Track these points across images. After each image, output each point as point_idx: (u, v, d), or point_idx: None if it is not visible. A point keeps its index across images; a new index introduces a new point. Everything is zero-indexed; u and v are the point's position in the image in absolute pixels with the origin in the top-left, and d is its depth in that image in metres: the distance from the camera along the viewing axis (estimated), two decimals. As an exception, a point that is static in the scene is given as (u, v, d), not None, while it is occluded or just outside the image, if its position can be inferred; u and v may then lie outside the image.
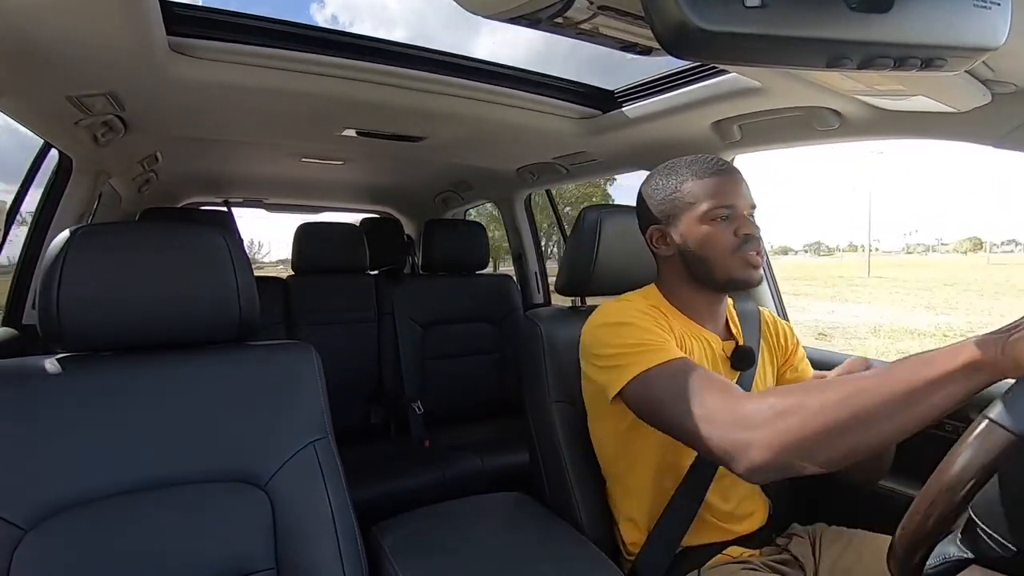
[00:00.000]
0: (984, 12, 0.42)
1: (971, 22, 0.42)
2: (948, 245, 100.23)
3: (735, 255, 0.86)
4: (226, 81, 1.12)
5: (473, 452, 1.82)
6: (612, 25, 0.73)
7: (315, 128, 1.53)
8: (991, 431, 0.48)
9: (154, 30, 0.89)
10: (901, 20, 0.40)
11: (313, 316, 2.02)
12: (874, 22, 0.40)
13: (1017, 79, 0.77)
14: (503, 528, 0.99)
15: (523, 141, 1.68)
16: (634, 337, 0.81)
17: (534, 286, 2.51)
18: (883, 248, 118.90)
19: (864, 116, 1.03)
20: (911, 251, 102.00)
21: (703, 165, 0.89)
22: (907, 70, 0.43)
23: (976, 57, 0.45)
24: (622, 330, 0.83)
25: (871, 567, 0.83)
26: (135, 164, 1.78)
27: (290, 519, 0.77)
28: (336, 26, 7.32)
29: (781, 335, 1.03)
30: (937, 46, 0.42)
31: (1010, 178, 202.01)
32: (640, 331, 0.82)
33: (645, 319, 0.85)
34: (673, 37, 0.38)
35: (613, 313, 0.88)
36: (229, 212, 2.58)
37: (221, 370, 0.82)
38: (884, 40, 0.40)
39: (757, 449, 0.61)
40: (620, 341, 0.82)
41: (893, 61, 0.42)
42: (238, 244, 0.85)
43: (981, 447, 0.48)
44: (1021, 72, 0.76)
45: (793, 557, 0.92)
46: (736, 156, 1.45)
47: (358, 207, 3.35)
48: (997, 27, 0.43)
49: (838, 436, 0.57)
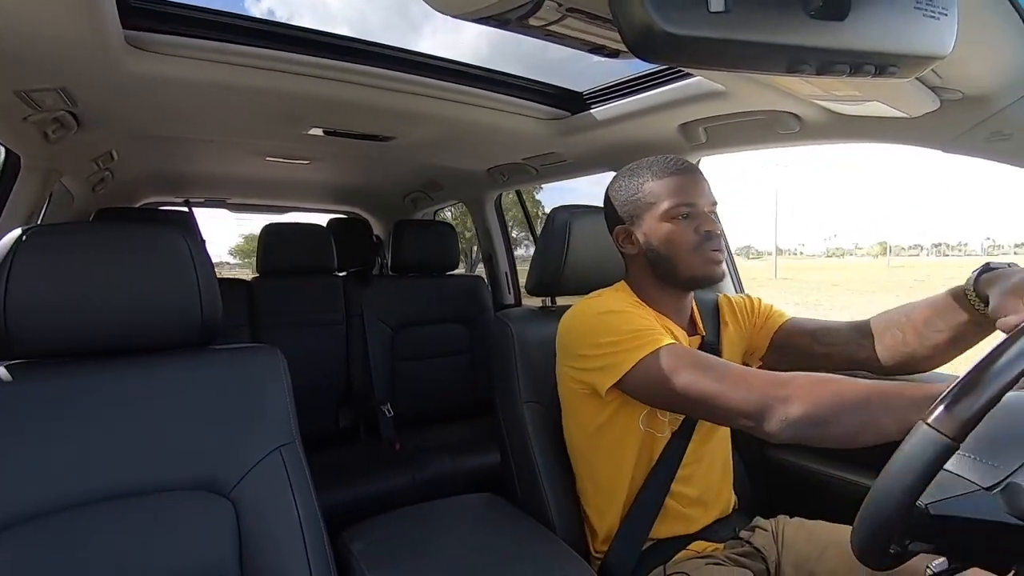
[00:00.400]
0: (933, 22, 0.44)
1: (921, 32, 0.44)
2: (863, 249, 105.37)
3: (697, 252, 0.88)
4: (185, 77, 1.08)
5: (444, 454, 1.81)
6: (580, 27, 0.74)
7: (280, 127, 1.50)
8: (926, 434, 0.51)
9: (109, 23, 0.86)
10: (856, 28, 0.42)
11: (279, 318, 1.97)
12: (831, 30, 0.41)
13: (963, 87, 0.81)
14: (475, 529, 0.99)
15: (493, 141, 1.68)
16: (629, 324, 0.83)
17: (504, 286, 2.52)
18: (807, 252, 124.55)
19: (823, 120, 1.07)
20: (831, 255, 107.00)
21: (663, 165, 0.91)
22: (862, 76, 0.45)
23: (926, 65, 0.47)
24: (614, 319, 0.84)
25: (832, 556, 0.86)
26: (89, 162, 1.71)
27: (256, 527, 0.75)
28: (270, 19, 7.08)
29: (739, 308, 1.05)
30: (890, 54, 0.44)
31: (917, 187, 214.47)
32: (634, 318, 0.84)
33: (634, 308, 0.87)
34: (640, 40, 0.39)
35: (597, 306, 0.89)
36: (190, 212, 2.50)
37: (182, 375, 0.80)
38: (840, 47, 0.42)
39: (797, 402, 0.67)
40: (615, 329, 0.83)
41: (849, 67, 0.44)
42: (200, 245, 0.82)
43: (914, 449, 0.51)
44: (967, 80, 0.80)
45: (755, 549, 0.94)
46: (702, 158, 1.48)
47: (325, 207, 3.29)
48: (945, 37, 0.45)
49: (861, 410, 0.65)
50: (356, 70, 1.15)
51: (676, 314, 0.96)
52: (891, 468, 0.54)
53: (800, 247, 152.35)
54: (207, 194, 2.81)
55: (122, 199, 2.48)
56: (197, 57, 1.03)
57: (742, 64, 0.43)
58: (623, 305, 0.88)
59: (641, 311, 0.89)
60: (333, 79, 1.16)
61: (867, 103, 0.88)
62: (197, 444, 0.76)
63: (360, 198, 3.08)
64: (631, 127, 1.35)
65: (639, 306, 0.92)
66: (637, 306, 0.92)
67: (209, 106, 1.30)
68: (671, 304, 0.95)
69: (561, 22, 0.72)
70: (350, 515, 1.06)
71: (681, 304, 0.96)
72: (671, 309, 0.95)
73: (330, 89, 1.19)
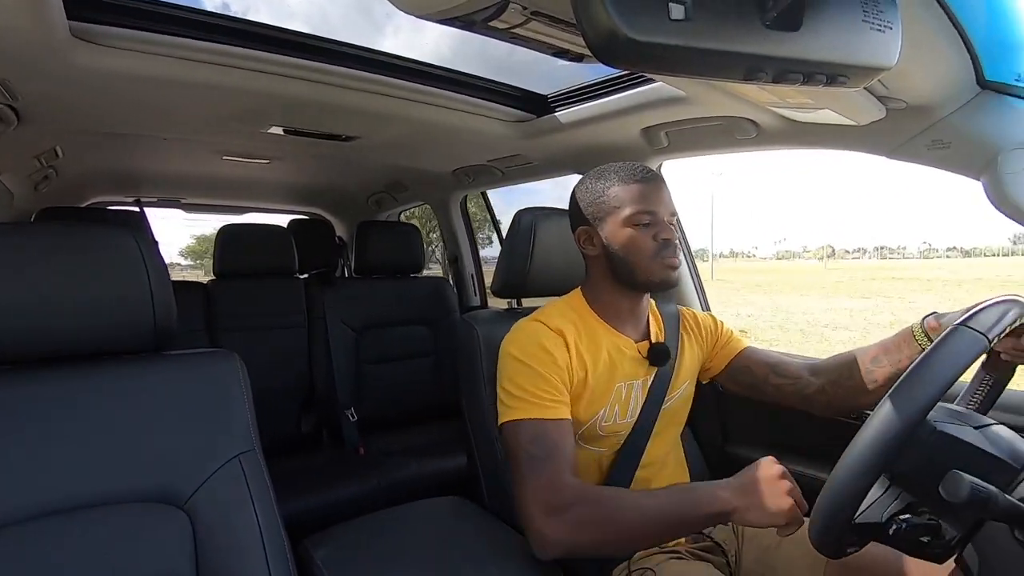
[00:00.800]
0: (879, 35, 0.47)
1: (868, 44, 0.46)
2: (810, 252, 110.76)
3: (654, 259, 0.91)
4: (135, 71, 1.04)
5: (410, 457, 1.79)
6: (545, 31, 0.74)
7: (238, 125, 1.46)
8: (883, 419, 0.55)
9: (53, 13, 0.81)
10: (809, 39, 0.44)
11: (237, 322, 1.91)
12: (786, 40, 0.43)
13: (907, 96, 0.85)
14: (441, 533, 0.98)
15: (458, 143, 1.67)
16: (528, 383, 0.86)
17: (470, 288, 2.51)
18: (759, 255, 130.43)
19: (778, 127, 1.11)
20: (781, 257, 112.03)
21: (629, 172, 0.94)
22: (814, 85, 0.47)
23: (873, 75, 0.49)
24: (519, 368, 0.88)
25: (790, 548, 0.89)
26: (30, 159, 1.62)
27: (213, 539, 0.72)
28: (228, 14, 6.78)
29: (703, 326, 1.10)
30: (840, 64, 0.46)
31: (864, 193, 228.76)
32: (533, 377, 0.86)
33: (545, 360, 0.88)
34: (603, 45, 0.39)
35: (520, 345, 0.90)
36: (141, 212, 2.40)
37: (134, 382, 0.76)
38: (794, 57, 0.44)
39: (548, 544, 0.77)
40: (513, 378, 0.88)
41: (802, 76, 0.45)
42: (152, 246, 0.79)
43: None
44: (910, 91, 0.84)
45: (716, 543, 0.97)
46: (664, 162, 1.51)
47: (286, 208, 3.21)
48: (890, 49, 0.48)
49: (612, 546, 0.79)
50: (318, 68, 1.12)
51: (630, 319, 0.98)
52: (844, 463, 0.57)
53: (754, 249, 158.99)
54: (160, 193, 2.70)
55: (67, 198, 2.36)
56: (148, 51, 0.98)
57: (702, 71, 0.44)
58: (536, 354, 0.88)
59: (561, 348, 0.90)
60: (293, 77, 1.13)
61: (819, 111, 0.92)
62: (150, 454, 0.73)
63: (322, 199, 3.02)
64: (595, 130, 1.37)
65: (575, 328, 0.93)
66: (571, 329, 0.92)
67: (161, 102, 1.25)
68: (626, 309, 0.98)
69: (526, 25, 0.72)
70: (314, 523, 1.04)
71: (636, 308, 0.99)
72: (625, 314, 0.98)
73: (290, 87, 1.16)
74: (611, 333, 0.97)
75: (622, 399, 0.94)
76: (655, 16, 0.39)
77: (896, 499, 0.62)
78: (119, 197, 2.67)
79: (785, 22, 0.43)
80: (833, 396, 0.96)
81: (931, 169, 0.93)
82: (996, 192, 0.79)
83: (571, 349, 0.91)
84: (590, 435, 0.93)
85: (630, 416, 0.95)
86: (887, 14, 0.47)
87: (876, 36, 0.47)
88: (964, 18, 0.69)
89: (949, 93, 0.84)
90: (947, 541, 0.58)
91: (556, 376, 0.87)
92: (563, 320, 0.94)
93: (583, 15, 0.40)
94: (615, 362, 0.95)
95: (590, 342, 0.94)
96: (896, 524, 0.58)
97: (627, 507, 0.76)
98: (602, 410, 0.92)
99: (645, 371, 0.98)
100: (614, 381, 0.94)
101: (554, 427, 0.84)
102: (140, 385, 0.76)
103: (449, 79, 1.30)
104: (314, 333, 2.01)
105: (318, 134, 1.55)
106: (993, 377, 0.74)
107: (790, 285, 22.06)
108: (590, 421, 0.92)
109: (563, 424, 0.85)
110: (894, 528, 0.58)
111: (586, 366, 0.91)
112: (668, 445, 1.02)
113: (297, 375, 1.98)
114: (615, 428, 0.94)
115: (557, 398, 0.86)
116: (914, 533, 0.58)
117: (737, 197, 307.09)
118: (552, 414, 0.84)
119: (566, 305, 0.99)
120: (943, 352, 0.59)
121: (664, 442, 1.00)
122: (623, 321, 0.98)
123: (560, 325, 0.92)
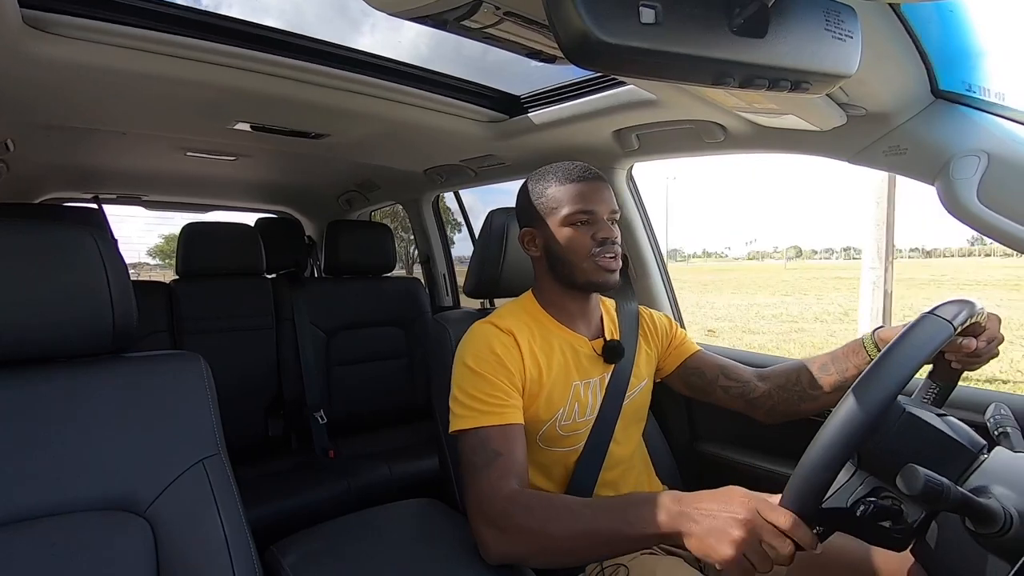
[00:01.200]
0: (841, 44, 0.48)
1: (831, 52, 0.48)
2: (780, 252, 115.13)
3: (591, 258, 0.92)
4: (93, 63, 1.00)
5: (380, 460, 1.77)
6: (518, 32, 0.75)
7: (202, 120, 1.41)
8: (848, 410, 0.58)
9: (3, 1, 0.78)
10: (774, 46, 0.45)
11: (202, 323, 1.86)
12: (752, 47, 0.44)
13: (867, 104, 0.88)
14: (413, 536, 0.97)
15: (430, 142, 1.66)
16: (476, 390, 0.86)
17: (443, 288, 2.50)
18: (732, 255, 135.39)
19: (745, 131, 1.13)
20: (752, 257, 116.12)
21: (567, 172, 0.94)
22: (779, 90, 0.48)
23: (835, 82, 0.51)
24: (467, 377, 0.88)
25: None
26: (-22, 152, 1.55)
27: (176, 547, 0.70)
28: (191, 6, 6.42)
29: (659, 327, 1.11)
30: (803, 71, 0.48)
31: (834, 195, 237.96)
32: (482, 384, 0.86)
33: (493, 363, 0.87)
34: (575, 47, 0.40)
35: (468, 350, 0.90)
36: (100, 210, 2.31)
37: (92, 386, 0.73)
38: (760, 63, 0.45)
39: (490, 554, 0.78)
40: (465, 387, 0.87)
41: (768, 82, 0.47)
42: (111, 245, 0.76)
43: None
44: (869, 98, 0.87)
45: None
46: (635, 164, 1.53)
47: (253, 206, 3.14)
48: (851, 57, 0.50)
49: (549, 556, 0.75)
50: (286, 64, 1.10)
51: (581, 317, 0.99)
52: (816, 444, 0.59)
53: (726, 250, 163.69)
54: (119, 190, 2.60)
55: (19, 194, 2.26)
56: (106, 42, 0.95)
57: (672, 74, 0.45)
58: (487, 359, 0.88)
59: (513, 349, 0.90)
60: (261, 72, 1.10)
61: (784, 116, 0.95)
62: (109, 460, 0.71)
63: (291, 197, 2.96)
64: (567, 132, 1.38)
65: (528, 330, 0.93)
66: (524, 330, 0.93)
67: (120, 95, 1.20)
68: (575, 308, 0.98)
69: (498, 25, 0.72)
70: (282, 529, 1.01)
71: (585, 307, 0.99)
72: (575, 313, 0.99)
73: (258, 83, 1.13)
74: (564, 332, 0.97)
75: (580, 397, 0.95)
76: (626, 20, 0.39)
77: (862, 483, 0.64)
78: (76, 194, 2.57)
79: (751, 29, 0.44)
80: (778, 400, 0.99)
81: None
82: (948, 196, 0.83)
83: (523, 349, 0.91)
84: (551, 436, 0.93)
85: (590, 413, 0.95)
86: (848, 24, 0.49)
87: (837, 45, 0.48)
88: (919, 30, 0.72)
89: (905, 101, 0.87)
90: (907, 527, 0.60)
91: (505, 379, 0.87)
92: (515, 320, 0.94)
93: (556, 17, 0.40)
94: (570, 361, 0.95)
95: (543, 342, 0.94)
96: (863, 505, 0.60)
97: (560, 518, 0.72)
98: (561, 409, 0.92)
99: (602, 368, 0.99)
100: (571, 379, 0.94)
101: (498, 433, 0.83)
102: (99, 389, 0.73)
103: (421, 78, 1.29)
104: (282, 334, 1.97)
105: (287, 131, 1.52)
106: (940, 385, 0.77)
107: (733, 284, 22.64)
108: (550, 421, 0.92)
109: (509, 429, 0.84)
110: (861, 510, 0.60)
111: (540, 365, 0.92)
112: (632, 444, 1.02)
113: (264, 377, 1.94)
114: (575, 427, 0.94)
115: (504, 402, 0.86)
116: (878, 516, 0.60)
117: (692, 199, 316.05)
118: (497, 420, 0.84)
119: (518, 306, 1.00)
120: (914, 336, 0.61)
121: (628, 440, 1.01)
122: (574, 320, 0.99)
123: (511, 325, 0.92)
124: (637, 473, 1.03)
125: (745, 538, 0.59)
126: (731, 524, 0.60)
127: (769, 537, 0.58)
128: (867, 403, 0.57)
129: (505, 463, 0.81)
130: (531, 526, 0.74)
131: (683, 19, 0.41)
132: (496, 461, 0.81)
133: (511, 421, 0.85)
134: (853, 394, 0.58)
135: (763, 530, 0.59)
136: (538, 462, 0.93)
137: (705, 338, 7.06)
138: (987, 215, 0.79)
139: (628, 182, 1.56)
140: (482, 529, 0.78)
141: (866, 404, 0.57)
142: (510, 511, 0.76)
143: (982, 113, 0.84)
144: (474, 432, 0.84)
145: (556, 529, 0.72)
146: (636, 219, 1.56)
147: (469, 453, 0.83)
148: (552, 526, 0.72)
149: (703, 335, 8.74)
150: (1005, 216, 0.79)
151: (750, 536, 0.59)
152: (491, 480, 0.79)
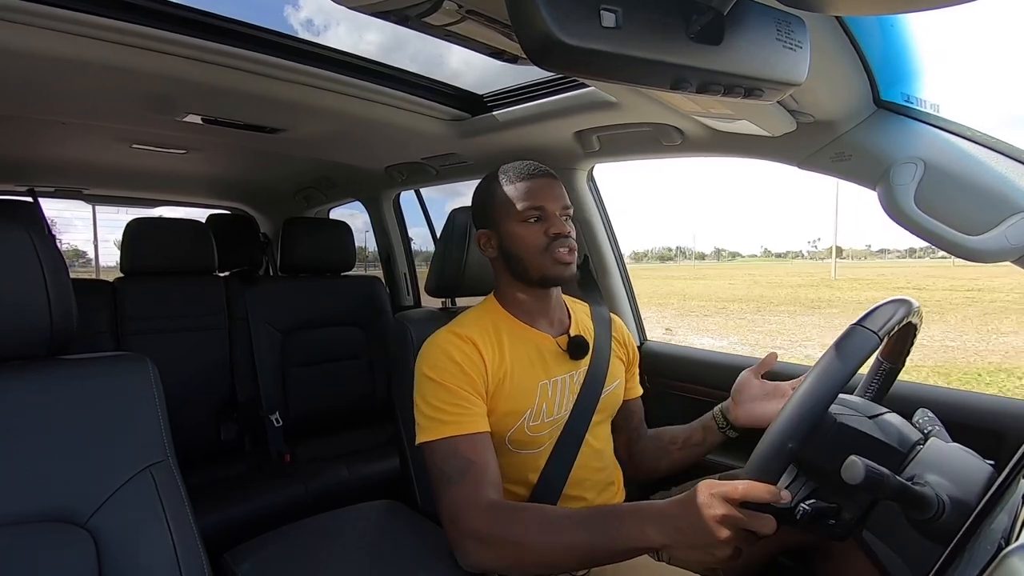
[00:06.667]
0: (791, 53, 0.51)
1: (782, 60, 0.50)
2: (743, 255, 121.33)
3: (545, 254, 0.92)
4: (26, 48, 0.93)
5: (339, 463, 1.74)
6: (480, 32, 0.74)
7: (150, 112, 1.35)
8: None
9: None
10: (729, 53, 0.47)
11: (148, 324, 1.77)
12: (708, 53, 0.46)
13: (815, 112, 0.92)
14: (372, 539, 0.96)
15: (391, 139, 1.64)
16: (439, 400, 0.86)
17: (403, 287, 2.47)
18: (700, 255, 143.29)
19: (701, 135, 1.16)
20: (722, 259, 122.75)
21: (518, 170, 0.96)
22: (734, 97, 0.50)
23: (785, 90, 0.53)
24: (429, 387, 0.87)
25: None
26: None
27: (120, 559, 0.67)
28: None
29: (629, 346, 1.13)
30: (756, 78, 0.50)
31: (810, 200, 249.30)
32: (444, 393, 0.86)
33: (455, 372, 0.87)
34: (537, 48, 0.40)
35: (429, 361, 0.89)
36: (36, 203, 2.18)
37: (27, 390, 0.69)
38: (716, 69, 0.47)
39: (469, 564, 0.78)
40: (425, 400, 0.87)
41: (723, 88, 0.49)
42: (47, 241, 0.71)
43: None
44: (817, 106, 0.91)
45: None
46: (596, 165, 1.55)
47: (204, 202, 3.02)
48: (800, 66, 0.52)
49: (530, 568, 0.75)
50: (240, 55, 1.06)
51: (542, 315, 1.00)
52: (756, 456, 0.62)
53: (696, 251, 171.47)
54: (58, 183, 2.45)
55: (-57, 186, 2.11)
56: (39, 25, 0.89)
57: (631, 77, 0.46)
58: (447, 369, 0.87)
59: (473, 355, 0.90)
60: (213, 63, 1.06)
61: (738, 121, 0.98)
62: (46, 469, 0.67)
63: (245, 193, 2.87)
64: (529, 132, 1.39)
65: (488, 335, 0.93)
66: (484, 336, 0.92)
67: (56, 83, 1.13)
68: (536, 306, 0.99)
69: (460, 24, 0.72)
70: (236, 535, 0.98)
71: (545, 305, 1.00)
72: (535, 311, 0.99)
73: (209, 74, 1.09)
74: (527, 331, 0.97)
75: (548, 397, 0.95)
76: (588, 22, 0.40)
77: (803, 486, 0.67)
78: (8, 186, 2.40)
79: (708, 36, 0.46)
80: (640, 461, 1.10)
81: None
82: (888, 201, 0.88)
83: (485, 355, 0.90)
84: (518, 439, 0.92)
85: (558, 412, 0.95)
86: (797, 34, 0.51)
87: (788, 54, 0.51)
88: (863, 43, 0.76)
89: (849, 110, 0.92)
90: (847, 521, 0.64)
91: (468, 387, 0.87)
92: (476, 327, 0.94)
93: (518, 17, 0.40)
94: (534, 361, 0.95)
95: (508, 344, 0.94)
96: (802, 509, 0.64)
97: (543, 531, 0.73)
98: (528, 411, 0.92)
99: (569, 366, 0.99)
100: (537, 380, 0.94)
101: (466, 443, 0.83)
102: (35, 393, 0.69)
103: (383, 74, 1.27)
104: (235, 335, 1.90)
105: (240, 124, 1.47)
106: (888, 364, 0.82)
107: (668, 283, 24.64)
108: (517, 424, 0.91)
109: (477, 438, 0.84)
110: (801, 512, 0.64)
111: (504, 369, 0.92)
112: (602, 441, 1.03)
113: (216, 379, 1.87)
114: (543, 427, 0.94)
115: (468, 410, 0.85)
116: (817, 516, 0.64)
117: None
118: (465, 428, 0.84)
119: (481, 310, 1.00)
120: (840, 351, 0.65)
121: (599, 438, 1.01)
122: (536, 318, 0.99)
123: (471, 333, 0.92)
124: (608, 473, 1.03)
125: (731, 534, 0.62)
126: (714, 524, 0.62)
127: (748, 522, 0.62)
128: (800, 406, 0.63)
129: (479, 473, 0.81)
130: (514, 538, 0.74)
131: (643, 24, 0.42)
132: (470, 471, 0.80)
133: (478, 429, 0.85)
134: (785, 410, 0.63)
135: (741, 518, 0.62)
136: (508, 464, 0.92)
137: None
138: (922, 219, 0.84)
139: (589, 182, 1.58)
140: (462, 540, 0.78)
141: (798, 405, 0.63)
142: (492, 522, 0.76)
143: (920, 123, 0.90)
144: (442, 443, 0.83)
145: (539, 541, 0.72)
146: (596, 219, 1.58)
147: (440, 463, 0.82)
148: (535, 538, 0.72)
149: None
150: (938, 220, 0.84)
151: (733, 529, 0.62)
152: (467, 491, 0.79)
